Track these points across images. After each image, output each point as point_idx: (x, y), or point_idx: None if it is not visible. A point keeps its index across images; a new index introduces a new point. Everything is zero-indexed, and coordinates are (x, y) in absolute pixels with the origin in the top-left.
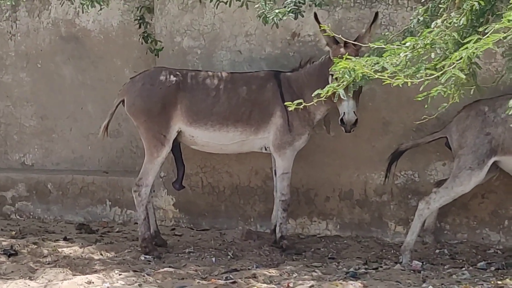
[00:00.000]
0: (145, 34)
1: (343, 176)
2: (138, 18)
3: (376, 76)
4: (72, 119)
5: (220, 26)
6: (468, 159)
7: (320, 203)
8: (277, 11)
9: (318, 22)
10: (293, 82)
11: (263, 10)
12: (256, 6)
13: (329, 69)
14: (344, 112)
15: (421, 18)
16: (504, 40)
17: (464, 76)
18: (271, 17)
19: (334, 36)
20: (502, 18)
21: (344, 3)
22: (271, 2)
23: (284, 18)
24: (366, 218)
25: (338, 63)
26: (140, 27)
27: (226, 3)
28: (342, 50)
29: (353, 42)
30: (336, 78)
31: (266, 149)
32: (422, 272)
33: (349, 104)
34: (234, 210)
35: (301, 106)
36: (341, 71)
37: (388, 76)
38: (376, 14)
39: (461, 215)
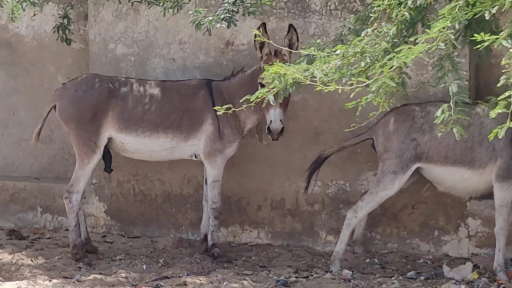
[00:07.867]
0: (62, 24)
1: (275, 185)
2: (63, 16)
3: (308, 82)
4: (3, 125)
5: (154, 34)
6: (392, 163)
7: (251, 211)
8: (210, 18)
9: (266, 33)
10: (225, 90)
11: (196, 17)
12: (190, 12)
13: (259, 78)
14: (270, 120)
15: (352, 27)
16: (433, 51)
17: (394, 85)
18: (204, 24)
19: (265, 42)
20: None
21: (278, 13)
22: (205, 10)
23: (218, 25)
24: (298, 227)
25: (268, 69)
26: (62, 21)
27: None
28: (273, 58)
29: (285, 48)
30: (264, 85)
31: (196, 157)
32: (352, 281)
33: (276, 112)
34: (166, 218)
35: (230, 111)
36: (271, 77)
37: (319, 83)
38: (290, 26)
39: (392, 225)
